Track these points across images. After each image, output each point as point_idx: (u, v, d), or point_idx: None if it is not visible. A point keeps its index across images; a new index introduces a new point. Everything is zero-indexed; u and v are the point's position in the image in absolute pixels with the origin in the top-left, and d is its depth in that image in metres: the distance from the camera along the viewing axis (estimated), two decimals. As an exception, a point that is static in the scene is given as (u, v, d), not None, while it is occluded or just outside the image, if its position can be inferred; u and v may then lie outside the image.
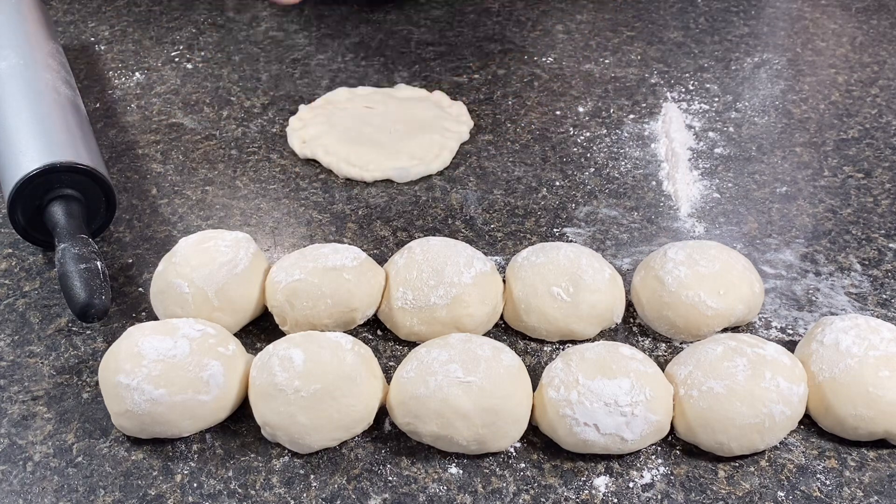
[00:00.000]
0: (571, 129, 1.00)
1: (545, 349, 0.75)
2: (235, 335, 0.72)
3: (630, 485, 0.65)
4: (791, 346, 0.72)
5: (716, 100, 1.04)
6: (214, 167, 0.94)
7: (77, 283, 0.71)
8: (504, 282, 0.77)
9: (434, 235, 0.83)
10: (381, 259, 0.80)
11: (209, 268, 0.73)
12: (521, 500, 0.64)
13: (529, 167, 0.94)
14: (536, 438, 0.68)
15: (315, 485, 0.65)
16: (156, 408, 0.64)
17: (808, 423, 0.68)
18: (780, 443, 0.67)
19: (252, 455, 0.67)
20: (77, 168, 0.79)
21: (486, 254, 0.83)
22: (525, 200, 0.90)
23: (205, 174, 0.93)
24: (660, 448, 0.67)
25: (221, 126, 1.00)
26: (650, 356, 0.72)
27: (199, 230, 0.81)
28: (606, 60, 1.11)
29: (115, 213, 0.83)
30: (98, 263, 0.73)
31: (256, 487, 0.64)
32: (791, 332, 0.76)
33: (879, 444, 0.67)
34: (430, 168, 0.92)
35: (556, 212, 0.89)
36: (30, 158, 0.79)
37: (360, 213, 0.88)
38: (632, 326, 0.77)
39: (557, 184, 0.92)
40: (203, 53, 1.12)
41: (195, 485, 0.65)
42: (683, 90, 1.06)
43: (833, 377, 0.66)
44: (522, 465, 0.66)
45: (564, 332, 0.74)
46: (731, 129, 1.00)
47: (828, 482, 0.65)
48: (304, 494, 0.64)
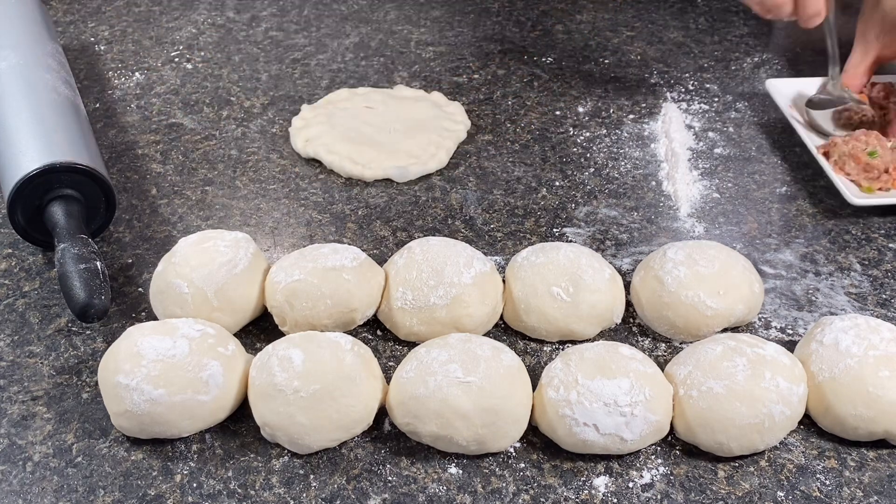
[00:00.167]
0: (571, 129, 1.00)
1: (545, 349, 0.75)
2: (235, 335, 0.72)
3: (630, 485, 0.65)
4: (791, 346, 0.72)
5: (716, 100, 1.04)
6: (214, 167, 0.94)
7: (77, 284, 0.71)
8: (504, 282, 0.77)
9: (434, 235, 0.83)
10: (381, 259, 0.80)
11: (209, 268, 0.73)
12: (521, 500, 0.64)
13: (529, 167, 0.94)
14: (536, 438, 0.68)
15: (315, 485, 0.65)
16: (155, 408, 0.64)
17: (808, 423, 0.68)
18: (780, 443, 0.67)
19: (252, 455, 0.67)
20: (77, 168, 0.79)
21: (486, 254, 0.83)
22: (525, 200, 0.90)
23: (205, 174, 0.93)
24: (659, 448, 0.67)
25: (221, 126, 1.00)
26: (650, 356, 0.72)
27: (199, 230, 0.81)
28: (606, 60, 1.11)
29: (115, 213, 0.83)
30: (98, 263, 0.73)
31: (256, 487, 0.64)
32: (791, 332, 0.76)
33: (879, 444, 0.67)
34: (428, 167, 0.92)
35: (556, 212, 0.88)
36: (29, 158, 0.79)
37: (360, 213, 0.88)
38: (632, 326, 0.77)
39: (557, 184, 0.92)
40: (203, 53, 1.12)
41: (195, 485, 0.65)
42: (683, 90, 1.06)
43: (833, 377, 0.66)
44: (522, 465, 0.66)
45: (564, 332, 0.74)
46: (731, 129, 1.00)
47: (828, 482, 0.65)
48: (304, 494, 0.64)
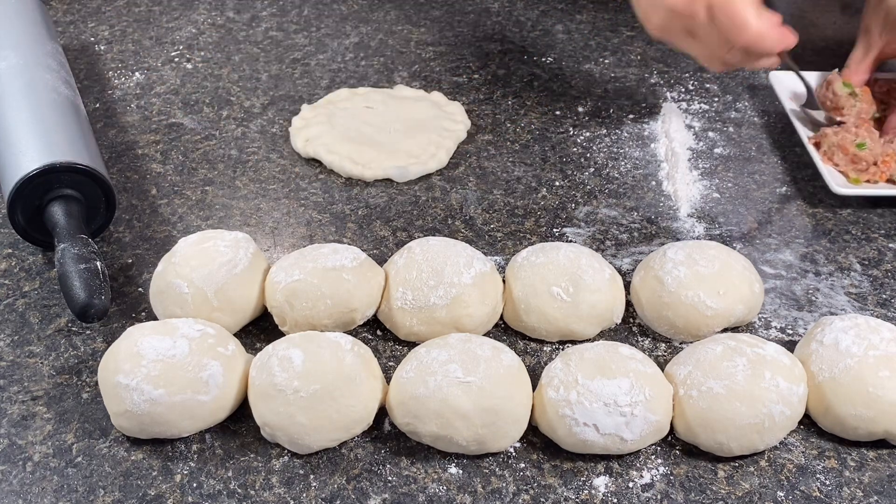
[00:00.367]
0: (571, 129, 1.00)
1: (545, 349, 0.75)
2: (235, 335, 0.72)
3: (630, 485, 0.65)
4: (791, 346, 0.72)
5: (716, 100, 1.04)
6: (214, 167, 0.94)
7: (77, 283, 0.71)
8: (504, 282, 0.77)
9: (434, 235, 0.83)
10: (381, 259, 0.80)
11: (209, 268, 0.73)
12: (521, 500, 0.64)
13: (529, 167, 0.94)
14: (536, 438, 0.68)
15: (315, 485, 0.65)
16: (155, 408, 0.64)
17: (808, 423, 0.68)
18: (780, 443, 0.67)
19: (252, 455, 0.67)
20: (77, 168, 0.79)
21: (486, 254, 0.83)
22: (525, 200, 0.90)
23: (205, 174, 0.93)
24: (659, 448, 0.67)
25: (221, 126, 1.00)
26: (650, 356, 0.72)
27: (199, 230, 0.81)
28: (606, 60, 1.11)
29: (115, 213, 0.83)
30: (98, 263, 0.73)
31: (256, 487, 0.64)
32: (791, 332, 0.76)
33: (879, 444, 0.67)
34: (428, 167, 0.92)
35: (556, 212, 0.88)
36: (29, 158, 0.79)
37: (360, 213, 0.88)
38: (632, 326, 0.77)
39: (557, 184, 0.92)
40: (203, 53, 1.12)
41: (195, 485, 0.65)
42: (683, 90, 1.06)
43: (833, 377, 0.66)
44: (522, 465, 0.66)
45: (564, 332, 0.74)
46: (731, 129, 1.00)
47: (827, 482, 0.65)
48: (304, 494, 0.64)
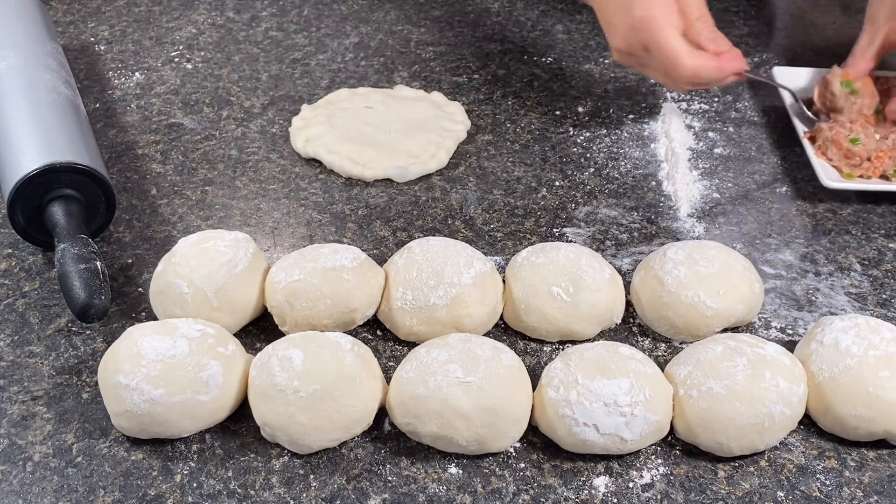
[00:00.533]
0: (571, 130, 1.00)
1: (545, 349, 0.75)
2: (235, 335, 0.72)
3: (630, 485, 0.65)
4: (791, 346, 0.72)
5: (716, 100, 1.04)
6: (214, 167, 0.94)
7: (77, 284, 0.71)
8: (504, 282, 0.77)
9: (434, 235, 0.83)
10: (381, 259, 0.80)
11: (208, 268, 0.73)
12: (521, 500, 0.64)
13: (529, 167, 0.94)
14: (536, 438, 0.68)
15: (315, 485, 0.65)
16: (155, 408, 0.64)
17: (808, 423, 0.68)
18: (780, 443, 0.67)
19: (252, 455, 0.67)
20: (77, 168, 0.79)
21: (486, 254, 0.83)
22: (525, 200, 0.90)
23: (205, 174, 0.93)
24: (659, 448, 0.67)
25: (221, 126, 1.00)
26: (650, 356, 0.72)
27: (199, 230, 0.81)
28: (606, 60, 1.11)
29: (115, 213, 0.83)
30: (98, 263, 0.73)
31: (256, 487, 0.64)
32: (791, 332, 0.76)
33: (879, 444, 0.67)
34: (428, 167, 0.92)
35: (556, 212, 0.88)
36: (29, 158, 0.79)
37: (360, 214, 0.88)
38: (631, 326, 0.77)
39: (557, 184, 0.92)
40: (203, 53, 1.12)
41: (195, 485, 0.65)
42: (683, 90, 1.06)
43: (833, 377, 0.66)
44: (522, 465, 0.66)
45: (564, 332, 0.74)
46: (731, 129, 1.00)
47: (827, 482, 0.65)
48: (304, 494, 0.64)
